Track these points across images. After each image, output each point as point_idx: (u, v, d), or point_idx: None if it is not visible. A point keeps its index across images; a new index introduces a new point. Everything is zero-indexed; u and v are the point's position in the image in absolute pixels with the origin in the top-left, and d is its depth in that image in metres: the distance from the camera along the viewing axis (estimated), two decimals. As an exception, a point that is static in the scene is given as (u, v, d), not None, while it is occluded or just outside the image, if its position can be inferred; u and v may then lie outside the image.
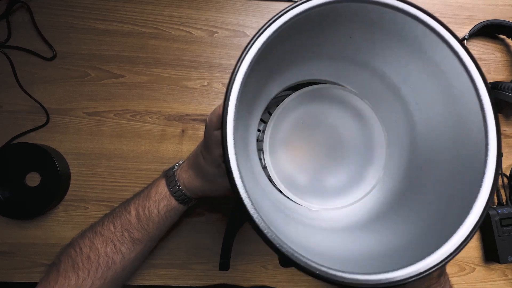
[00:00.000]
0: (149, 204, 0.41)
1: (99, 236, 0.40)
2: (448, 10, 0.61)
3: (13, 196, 0.49)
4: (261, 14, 0.58)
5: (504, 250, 0.54)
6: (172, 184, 0.41)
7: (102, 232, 0.40)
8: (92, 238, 0.40)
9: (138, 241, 0.41)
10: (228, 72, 0.56)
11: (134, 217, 0.41)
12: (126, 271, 0.42)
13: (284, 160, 0.22)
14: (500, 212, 0.54)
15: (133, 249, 0.41)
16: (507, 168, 0.59)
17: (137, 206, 0.41)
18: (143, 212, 0.41)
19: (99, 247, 0.39)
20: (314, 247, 0.21)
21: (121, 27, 0.55)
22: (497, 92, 0.52)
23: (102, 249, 0.39)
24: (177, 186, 0.41)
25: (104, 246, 0.39)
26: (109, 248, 0.40)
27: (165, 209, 0.41)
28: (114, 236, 0.40)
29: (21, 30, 0.54)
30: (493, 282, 0.57)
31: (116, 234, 0.40)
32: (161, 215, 0.41)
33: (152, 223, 0.41)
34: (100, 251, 0.39)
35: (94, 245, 0.39)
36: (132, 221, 0.41)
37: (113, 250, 0.40)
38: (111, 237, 0.40)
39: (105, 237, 0.40)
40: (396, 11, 0.19)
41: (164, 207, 0.41)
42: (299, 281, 0.54)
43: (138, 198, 0.42)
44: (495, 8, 0.61)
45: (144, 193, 0.42)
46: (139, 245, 0.42)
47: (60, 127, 0.53)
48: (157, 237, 0.44)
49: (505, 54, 0.61)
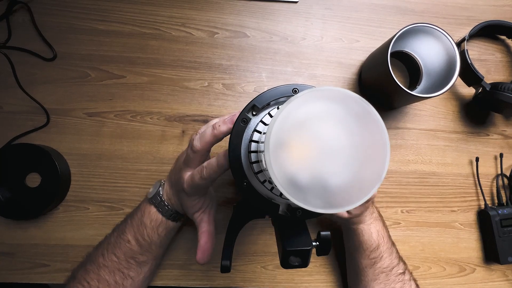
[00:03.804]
0: (147, 232, 0.42)
1: (104, 268, 0.41)
2: (448, 11, 0.61)
3: (13, 197, 0.49)
4: (261, 15, 0.58)
5: (504, 251, 0.54)
6: (164, 211, 0.42)
7: (106, 264, 0.41)
8: (97, 271, 0.41)
9: (144, 263, 0.43)
10: (228, 73, 0.56)
11: (135, 245, 0.42)
12: None
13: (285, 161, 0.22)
14: (501, 213, 0.54)
15: (141, 271, 0.43)
16: (507, 168, 0.59)
17: (136, 235, 0.42)
18: (143, 239, 0.42)
19: (108, 278, 0.41)
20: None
21: (121, 27, 0.55)
22: (497, 93, 0.52)
23: (111, 279, 0.41)
24: (170, 211, 0.42)
25: (112, 275, 0.41)
26: (117, 276, 0.41)
27: (165, 232, 0.43)
28: (120, 265, 0.41)
29: (21, 30, 0.54)
30: (494, 283, 0.57)
31: (121, 263, 0.41)
32: (162, 236, 0.43)
33: (155, 245, 0.43)
34: (109, 281, 0.41)
35: (101, 277, 0.41)
36: (134, 249, 0.42)
37: (122, 277, 0.41)
38: (117, 266, 0.41)
39: (110, 268, 0.41)
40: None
41: (163, 230, 0.43)
42: (299, 281, 0.54)
43: (131, 226, 0.43)
44: (495, 9, 0.62)
45: (136, 221, 0.43)
46: (146, 265, 0.43)
47: (60, 127, 0.53)
48: (162, 253, 0.47)
49: (505, 54, 0.61)
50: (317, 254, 0.36)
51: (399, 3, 0.60)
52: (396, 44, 0.50)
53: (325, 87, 0.22)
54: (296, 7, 0.59)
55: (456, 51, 0.48)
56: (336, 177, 0.23)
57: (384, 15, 0.60)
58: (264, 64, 0.57)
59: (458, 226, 0.57)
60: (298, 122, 0.23)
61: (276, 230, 0.37)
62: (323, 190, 0.22)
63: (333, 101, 0.23)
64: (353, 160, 0.23)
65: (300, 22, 0.58)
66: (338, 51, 0.58)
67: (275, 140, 0.22)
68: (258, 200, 0.33)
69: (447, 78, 0.48)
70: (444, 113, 0.59)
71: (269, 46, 0.57)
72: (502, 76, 0.61)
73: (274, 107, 0.35)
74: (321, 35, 0.58)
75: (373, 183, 0.22)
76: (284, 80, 0.57)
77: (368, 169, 0.23)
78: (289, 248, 0.32)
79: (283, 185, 0.22)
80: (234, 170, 0.33)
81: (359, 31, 0.59)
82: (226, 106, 0.55)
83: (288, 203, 0.34)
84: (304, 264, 0.33)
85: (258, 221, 0.54)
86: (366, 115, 0.22)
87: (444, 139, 0.59)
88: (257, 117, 0.34)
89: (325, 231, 0.36)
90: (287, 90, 0.34)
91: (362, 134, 0.23)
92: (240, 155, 0.33)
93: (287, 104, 0.22)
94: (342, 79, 0.58)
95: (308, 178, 0.22)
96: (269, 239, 0.54)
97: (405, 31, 0.47)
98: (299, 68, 0.57)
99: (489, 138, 0.59)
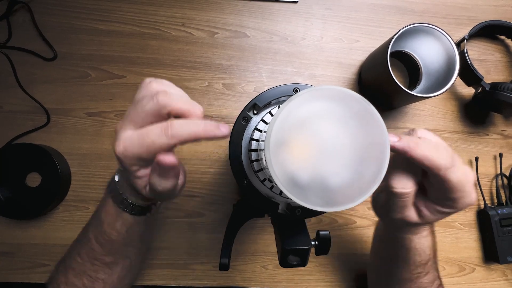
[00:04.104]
0: (103, 229, 0.35)
1: (70, 270, 0.37)
2: (448, 11, 0.61)
3: (13, 197, 0.49)
4: (261, 15, 0.58)
5: (504, 250, 0.54)
6: (118, 200, 0.33)
7: (71, 266, 0.37)
8: (65, 273, 0.37)
9: (113, 264, 0.37)
10: (228, 73, 0.56)
11: (95, 244, 0.35)
12: None
13: (286, 160, 0.22)
14: (500, 213, 0.55)
15: (112, 272, 0.37)
16: (507, 168, 0.59)
17: (95, 233, 0.35)
18: (102, 237, 0.35)
19: (75, 281, 0.36)
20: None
21: (121, 27, 0.55)
22: (497, 93, 0.52)
23: (79, 282, 0.36)
24: (125, 200, 0.33)
25: (79, 278, 0.36)
26: (85, 279, 0.36)
27: (125, 228, 0.34)
28: (85, 267, 0.36)
29: (21, 30, 0.54)
30: (493, 282, 0.57)
31: (86, 265, 0.36)
32: (123, 233, 0.35)
33: (118, 244, 0.36)
34: (78, 285, 0.36)
35: (69, 280, 0.36)
36: (95, 249, 0.35)
37: (91, 280, 0.36)
38: (82, 269, 0.36)
39: (76, 271, 0.36)
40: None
41: (122, 226, 0.34)
42: (299, 281, 0.54)
43: (92, 222, 0.37)
44: (494, 9, 0.62)
45: (95, 216, 0.36)
46: (117, 266, 0.37)
47: (61, 127, 0.53)
48: (136, 252, 0.39)
49: (504, 54, 0.61)
50: (315, 254, 0.36)
51: (399, 3, 0.60)
52: (395, 44, 0.50)
53: (325, 86, 0.22)
54: (296, 7, 0.59)
55: (456, 51, 0.48)
56: (336, 176, 0.23)
57: (384, 15, 0.60)
58: (264, 64, 0.57)
59: (458, 226, 0.57)
60: (299, 120, 0.23)
61: (276, 229, 0.37)
62: (323, 189, 0.22)
63: (334, 100, 0.23)
64: (353, 159, 0.23)
65: (300, 22, 0.58)
66: (338, 51, 0.59)
67: (275, 139, 0.22)
68: (258, 199, 0.33)
69: (446, 78, 0.48)
70: (443, 113, 0.59)
71: (269, 46, 0.57)
72: (501, 76, 0.61)
73: (275, 106, 0.35)
74: (321, 35, 0.59)
75: (373, 182, 0.22)
76: (284, 80, 0.57)
77: (368, 168, 0.23)
78: (288, 247, 0.33)
79: (283, 183, 0.22)
80: (234, 168, 0.33)
81: (359, 31, 0.59)
82: (226, 106, 0.56)
83: (287, 202, 0.34)
84: (303, 263, 0.33)
85: (258, 221, 0.54)
86: (367, 115, 0.22)
87: (443, 139, 0.58)
88: (258, 115, 0.34)
89: (324, 231, 0.36)
90: (288, 89, 0.34)
91: (362, 133, 0.23)
92: (240, 154, 0.33)
93: (288, 103, 0.22)
94: (342, 79, 0.58)
95: (308, 176, 0.23)
96: (269, 239, 0.54)
97: (405, 31, 0.47)
98: (299, 68, 0.58)
99: (489, 138, 0.59)
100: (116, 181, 0.33)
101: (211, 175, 0.54)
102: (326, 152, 0.23)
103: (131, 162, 0.27)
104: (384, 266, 0.44)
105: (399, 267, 0.39)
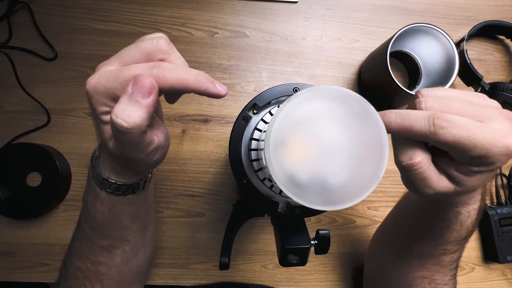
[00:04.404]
0: (88, 210, 0.33)
1: (73, 254, 0.36)
2: (447, 11, 0.61)
3: (14, 196, 0.49)
4: (261, 15, 0.58)
5: (503, 250, 0.54)
6: (97, 177, 0.31)
7: (74, 250, 0.36)
8: (70, 257, 0.37)
9: (111, 247, 0.35)
10: (228, 73, 0.56)
11: (87, 227, 0.34)
12: (125, 273, 0.38)
13: (285, 159, 0.22)
14: (499, 212, 0.55)
15: (113, 255, 0.36)
16: (506, 168, 0.59)
17: (84, 216, 0.34)
18: (90, 220, 0.33)
19: (79, 264, 0.36)
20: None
21: (121, 27, 0.56)
22: (497, 93, 0.52)
23: (82, 266, 0.36)
24: (105, 180, 0.30)
25: (82, 262, 0.36)
26: (88, 263, 0.35)
27: (107, 209, 0.32)
28: (84, 251, 0.35)
29: (22, 30, 0.54)
30: (493, 282, 0.57)
31: (84, 248, 0.35)
32: (106, 214, 0.32)
33: (105, 226, 0.33)
34: (82, 268, 0.36)
35: (74, 264, 0.36)
36: (88, 232, 0.34)
37: (93, 263, 0.35)
38: (82, 252, 0.35)
39: (78, 255, 0.36)
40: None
41: (103, 205, 0.32)
42: (299, 281, 0.54)
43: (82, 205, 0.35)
44: (494, 9, 0.62)
45: (83, 197, 0.34)
46: (117, 249, 0.36)
47: (61, 127, 0.53)
48: (134, 234, 0.37)
49: (504, 54, 0.62)
50: (315, 253, 0.36)
51: (399, 3, 0.60)
52: (395, 44, 0.50)
53: (325, 86, 0.23)
54: (296, 7, 0.59)
55: (455, 51, 0.48)
56: (335, 175, 0.23)
57: (384, 15, 0.60)
58: (264, 64, 0.57)
59: (458, 226, 0.58)
60: (298, 120, 0.23)
61: (275, 228, 0.38)
62: (322, 188, 0.23)
63: (333, 100, 0.23)
64: (353, 158, 0.23)
65: (300, 22, 0.59)
66: (338, 51, 0.59)
67: (275, 138, 0.22)
68: (257, 198, 0.33)
69: (446, 78, 0.49)
70: (443, 113, 0.59)
71: (269, 46, 0.58)
72: (501, 76, 0.61)
73: (275, 106, 0.35)
74: (321, 35, 0.59)
75: (372, 181, 0.22)
76: (284, 80, 0.57)
77: (367, 168, 0.23)
78: (287, 246, 0.33)
79: (283, 182, 0.22)
80: (234, 167, 0.33)
81: (358, 31, 0.59)
82: (226, 106, 0.56)
83: (287, 201, 0.34)
84: (302, 262, 0.34)
85: (258, 220, 0.54)
86: (366, 115, 0.23)
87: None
88: (258, 115, 0.34)
89: (324, 230, 0.36)
90: (288, 89, 0.34)
91: (361, 133, 0.23)
92: (240, 153, 0.33)
93: (288, 103, 0.22)
94: (342, 79, 0.58)
95: (307, 175, 0.23)
96: (269, 238, 0.54)
97: (405, 31, 0.48)
98: (299, 68, 0.58)
99: (488, 137, 0.59)
100: (96, 156, 0.31)
101: (211, 175, 0.54)
102: (325, 152, 0.23)
103: (100, 99, 0.24)
104: (400, 240, 0.40)
105: (425, 241, 0.35)
